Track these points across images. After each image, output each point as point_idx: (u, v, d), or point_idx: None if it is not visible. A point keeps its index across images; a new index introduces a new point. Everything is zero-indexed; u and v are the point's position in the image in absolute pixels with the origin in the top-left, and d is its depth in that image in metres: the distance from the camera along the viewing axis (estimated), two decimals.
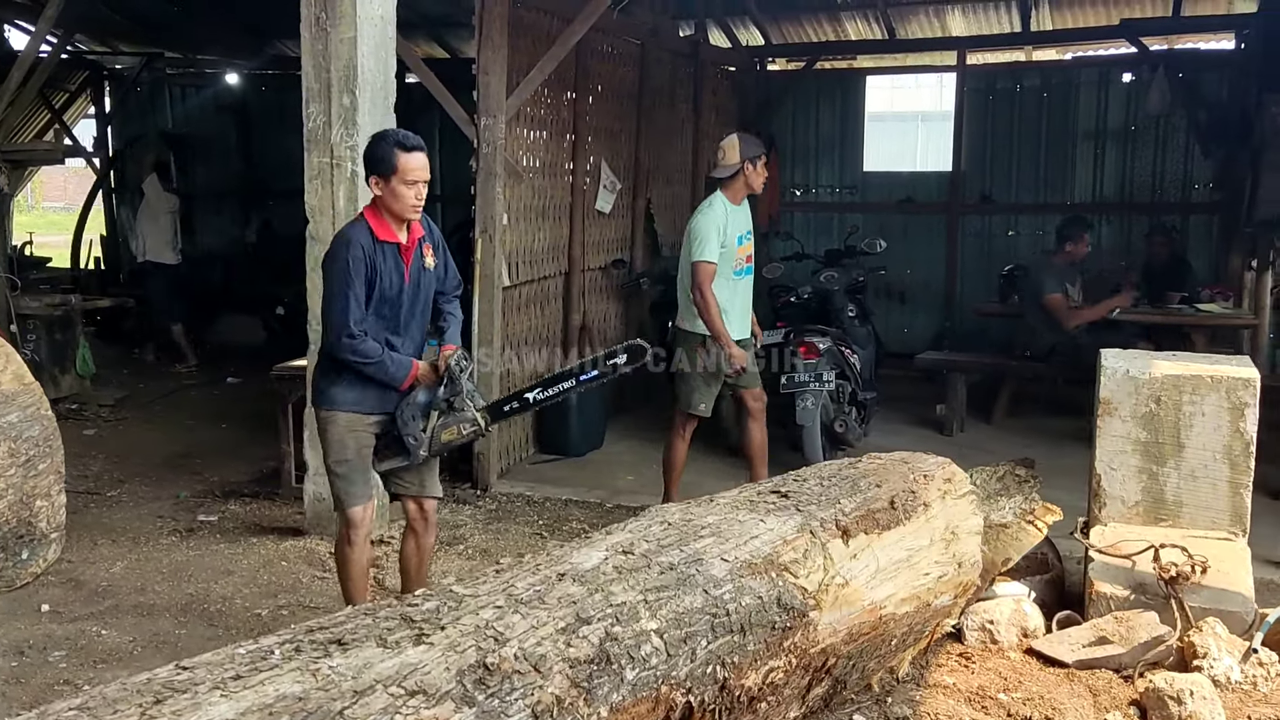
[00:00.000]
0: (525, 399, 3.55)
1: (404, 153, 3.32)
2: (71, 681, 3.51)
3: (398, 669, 1.86)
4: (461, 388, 3.40)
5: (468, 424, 3.42)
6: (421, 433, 3.41)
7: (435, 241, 3.60)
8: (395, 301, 3.46)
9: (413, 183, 3.35)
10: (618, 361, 3.39)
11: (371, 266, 3.37)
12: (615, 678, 2.12)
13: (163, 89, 11.43)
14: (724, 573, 2.51)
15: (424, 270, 3.52)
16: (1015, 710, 3.17)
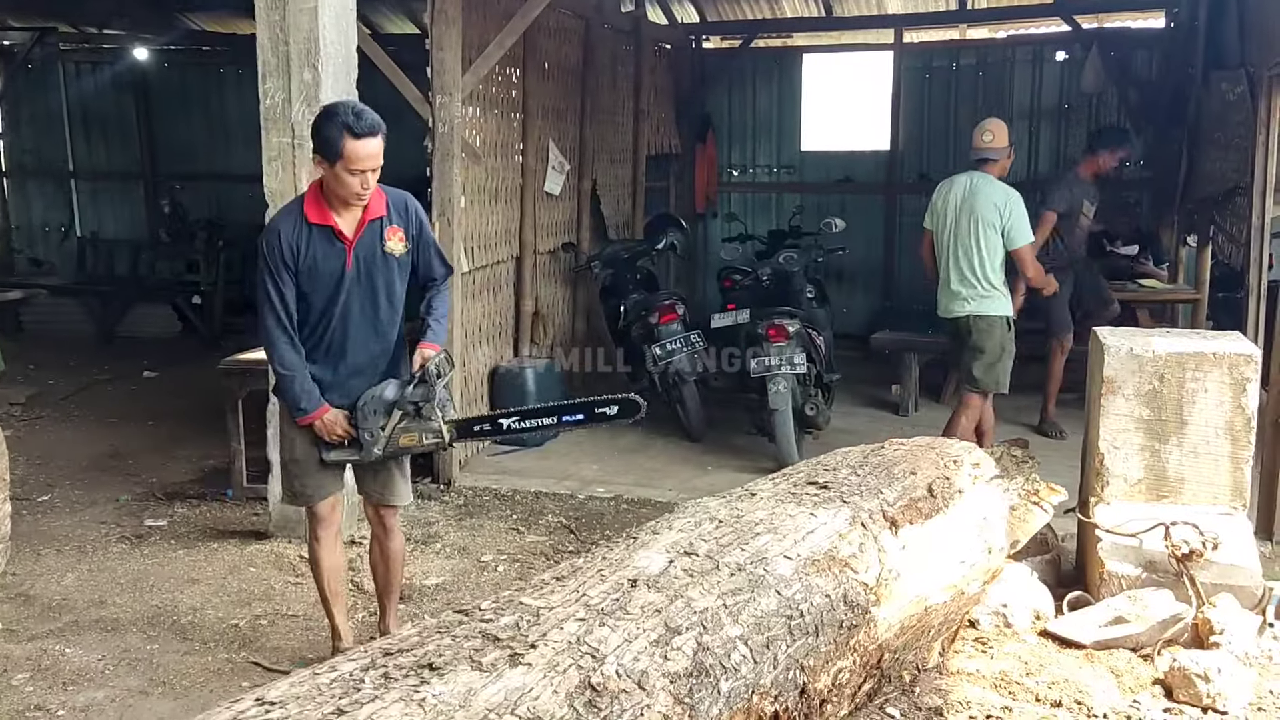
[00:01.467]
0: (499, 424, 3.31)
1: (352, 139, 3.01)
2: (43, 706, 3.23)
3: (505, 695, 1.71)
4: (434, 395, 3.16)
5: (430, 434, 3.19)
6: (380, 430, 3.18)
7: (409, 224, 3.27)
8: (333, 290, 3.17)
9: (358, 171, 3.06)
10: (607, 412, 3.13)
11: (295, 253, 3.11)
12: (713, 690, 2.00)
13: (56, 66, 10.68)
14: (791, 571, 2.40)
15: (382, 256, 3.21)
16: (1042, 695, 3.16)
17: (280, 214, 3.25)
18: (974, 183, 5.07)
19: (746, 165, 9.64)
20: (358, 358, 3.25)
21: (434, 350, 3.24)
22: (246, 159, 10.20)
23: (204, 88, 10.38)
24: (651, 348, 6.24)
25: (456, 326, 5.51)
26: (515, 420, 3.25)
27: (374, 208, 3.19)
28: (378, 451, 3.19)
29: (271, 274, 3.12)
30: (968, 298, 5.06)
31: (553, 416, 3.17)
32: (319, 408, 3.20)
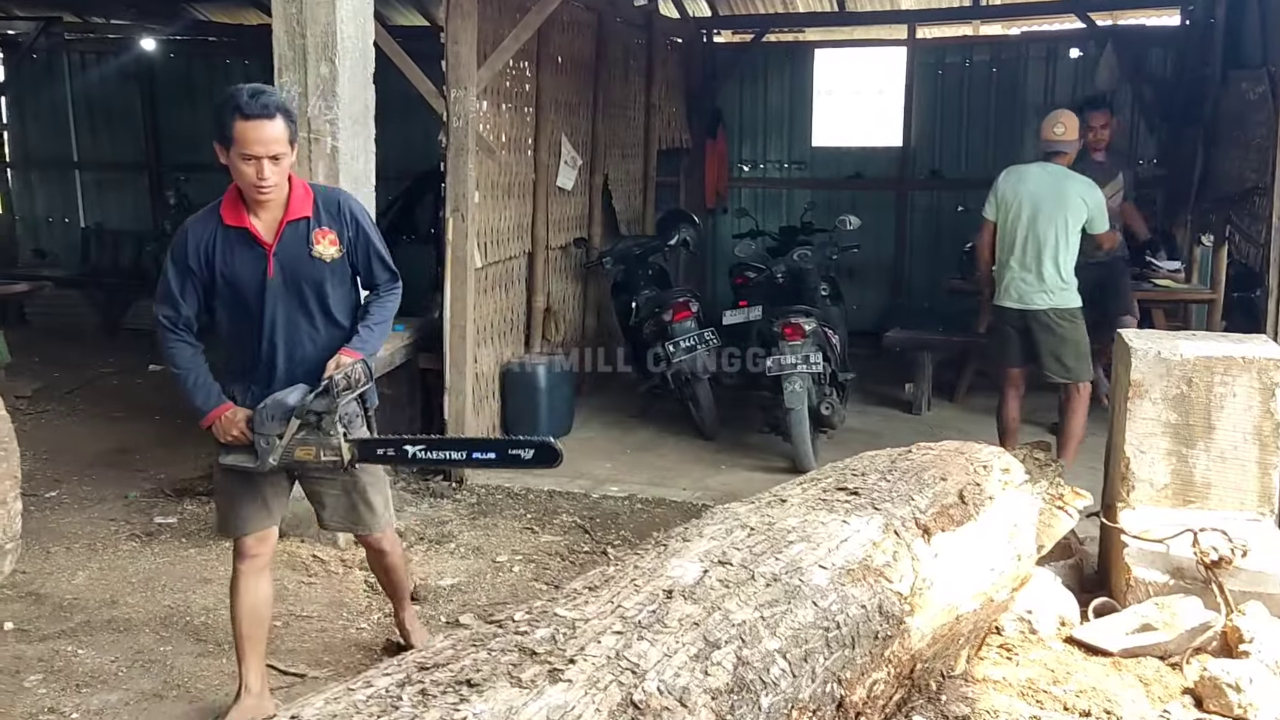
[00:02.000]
0: (404, 450, 2.92)
1: (241, 120, 2.73)
2: (57, 709, 3.19)
3: (548, 714, 1.66)
4: (336, 408, 2.83)
5: (329, 450, 2.86)
6: (276, 438, 2.85)
7: (343, 225, 2.99)
8: (257, 300, 2.92)
9: (250, 158, 2.76)
10: (521, 455, 2.76)
11: (202, 257, 2.88)
12: (753, 706, 1.95)
13: (61, 56, 10.62)
14: (826, 581, 2.36)
15: (309, 260, 2.93)
16: (1071, 703, 3.11)
17: (197, 213, 3.01)
18: (1053, 174, 5.03)
19: (757, 160, 9.58)
20: (294, 371, 2.97)
21: (352, 358, 2.94)
22: None
23: (209, 79, 10.30)
24: (665, 345, 6.20)
25: (468, 322, 5.47)
26: (422, 449, 2.88)
27: (297, 207, 2.92)
28: (272, 461, 2.88)
29: (171, 272, 2.92)
30: (1049, 290, 4.99)
31: (463, 451, 2.87)
32: (219, 406, 2.94)
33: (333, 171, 4.18)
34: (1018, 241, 5.05)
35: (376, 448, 2.95)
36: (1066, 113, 5.24)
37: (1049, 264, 4.99)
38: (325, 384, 2.83)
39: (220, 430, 2.94)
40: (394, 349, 5.47)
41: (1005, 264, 5.11)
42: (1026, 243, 5.02)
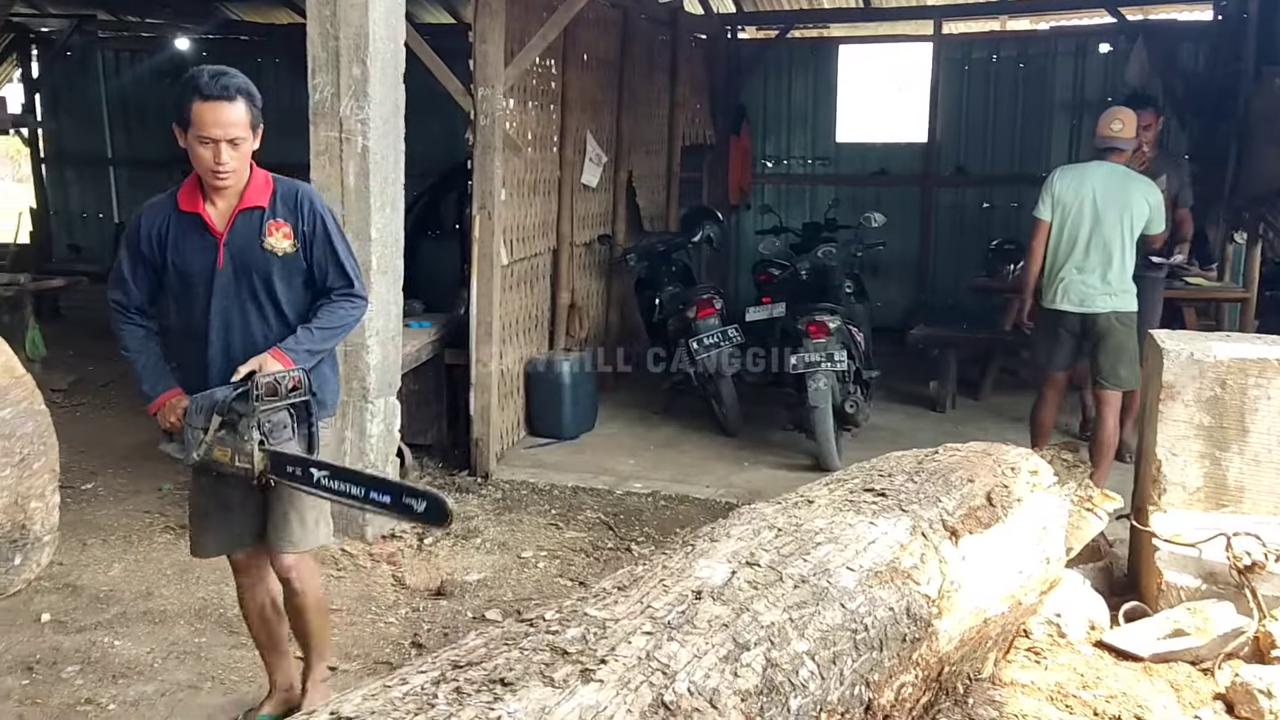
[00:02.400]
0: (310, 474, 2.67)
1: (199, 101, 2.61)
2: (94, 700, 3.25)
3: (580, 714, 1.68)
4: (252, 411, 2.64)
5: (242, 456, 2.68)
6: (200, 432, 2.72)
7: (300, 219, 2.83)
8: (204, 290, 2.79)
9: (208, 140, 2.63)
10: (413, 506, 2.54)
11: (155, 241, 2.79)
12: (783, 708, 1.96)
13: (95, 53, 10.77)
14: (854, 583, 2.36)
15: (261, 252, 2.78)
16: (1101, 709, 3.10)
17: (155, 197, 2.90)
18: (1115, 174, 4.88)
19: (781, 156, 9.58)
20: (233, 366, 2.79)
21: (281, 364, 2.74)
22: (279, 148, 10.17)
23: None
24: (688, 342, 6.21)
25: (495, 319, 5.50)
26: (326, 475, 2.65)
27: (252, 196, 2.79)
28: (196, 456, 2.75)
29: (124, 255, 2.86)
30: (1112, 292, 4.85)
31: (362, 488, 2.60)
32: (165, 392, 2.83)
33: (363, 170, 4.23)
34: (1079, 243, 4.86)
35: (286, 463, 2.70)
36: (1124, 109, 5.07)
37: (1114, 266, 4.84)
38: (245, 385, 2.67)
39: (161, 417, 2.85)
40: (420, 345, 5.51)
41: (1062, 266, 4.92)
42: (1090, 245, 4.84)
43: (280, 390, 2.69)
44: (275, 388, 2.68)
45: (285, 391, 2.70)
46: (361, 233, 4.27)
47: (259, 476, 2.69)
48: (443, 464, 5.71)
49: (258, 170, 2.83)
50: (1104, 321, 4.88)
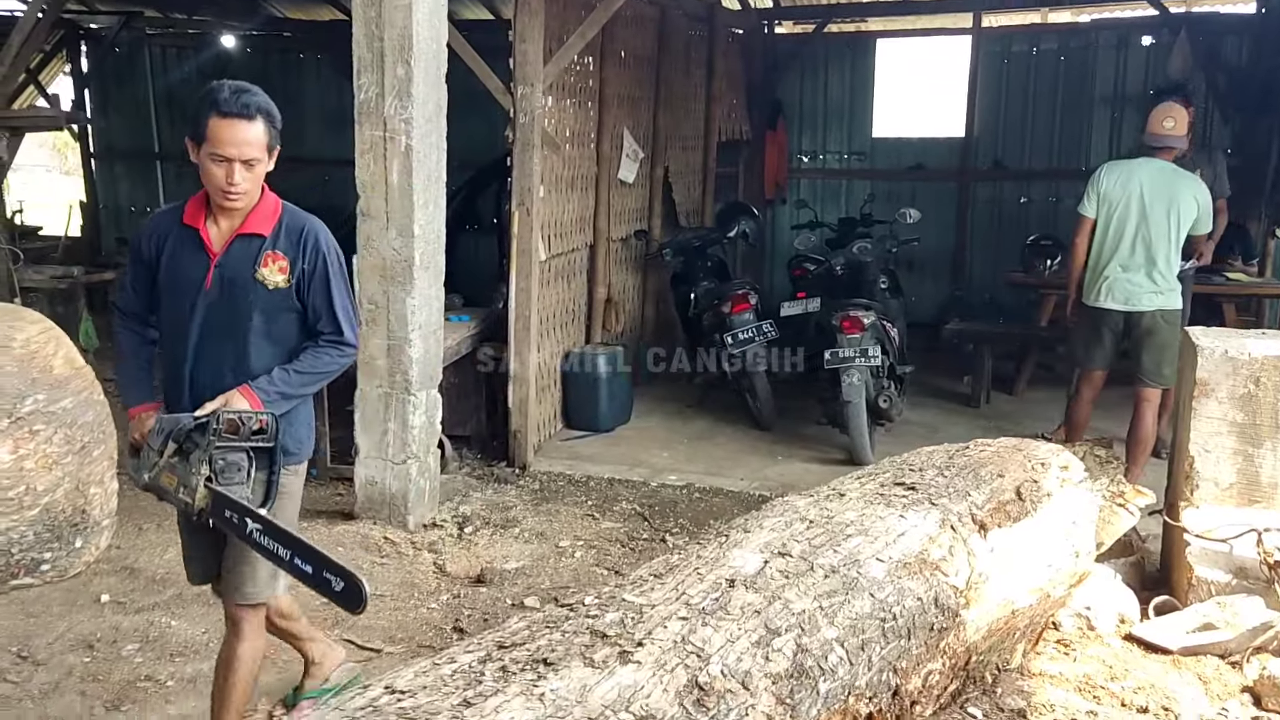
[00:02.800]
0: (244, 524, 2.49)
1: (216, 117, 2.49)
2: (153, 677, 3.39)
3: (619, 693, 1.77)
4: (205, 446, 2.51)
5: (186, 490, 2.55)
6: (155, 455, 2.60)
7: (301, 256, 2.67)
8: (189, 306, 2.66)
9: (222, 159, 2.52)
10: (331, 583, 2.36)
11: (153, 249, 2.70)
12: (812, 691, 2.05)
13: (142, 49, 10.99)
14: (883, 574, 2.44)
15: (250, 282, 2.64)
16: (1129, 700, 3.16)
17: (168, 207, 2.83)
18: (1164, 172, 4.83)
19: (817, 151, 9.60)
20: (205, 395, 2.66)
21: (246, 402, 2.60)
22: (322, 143, 10.50)
23: (284, 73, 10.59)
24: (723, 336, 6.27)
25: (533, 313, 5.60)
26: (259, 530, 2.48)
27: (255, 222, 2.65)
28: (146, 477, 2.65)
29: (130, 260, 2.81)
30: (1158, 290, 4.83)
31: (289, 551, 2.44)
32: (139, 406, 2.77)
33: (407, 168, 4.34)
34: (1125, 241, 4.83)
35: (225, 508, 2.53)
36: (1177, 105, 4.92)
37: (1160, 264, 4.80)
38: (206, 418, 2.54)
39: (131, 429, 2.78)
40: (460, 339, 5.62)
41: (1107, 264, 4.89)
42: (1136, 242, 4.81)
43: (242, 430, 2.53)
44: (237, 427, 2.52)
45: (248, 433, 2.53)
46: (405, 229, 4.39)
47: (197, 514, 2.54)
48: (481, 455, 5.82)
49: (268, 195, 2.69)
50: (1149, 320, 4.85)
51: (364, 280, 4.51)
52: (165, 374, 2.81)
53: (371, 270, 4.48)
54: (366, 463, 4.66)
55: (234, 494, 2.53)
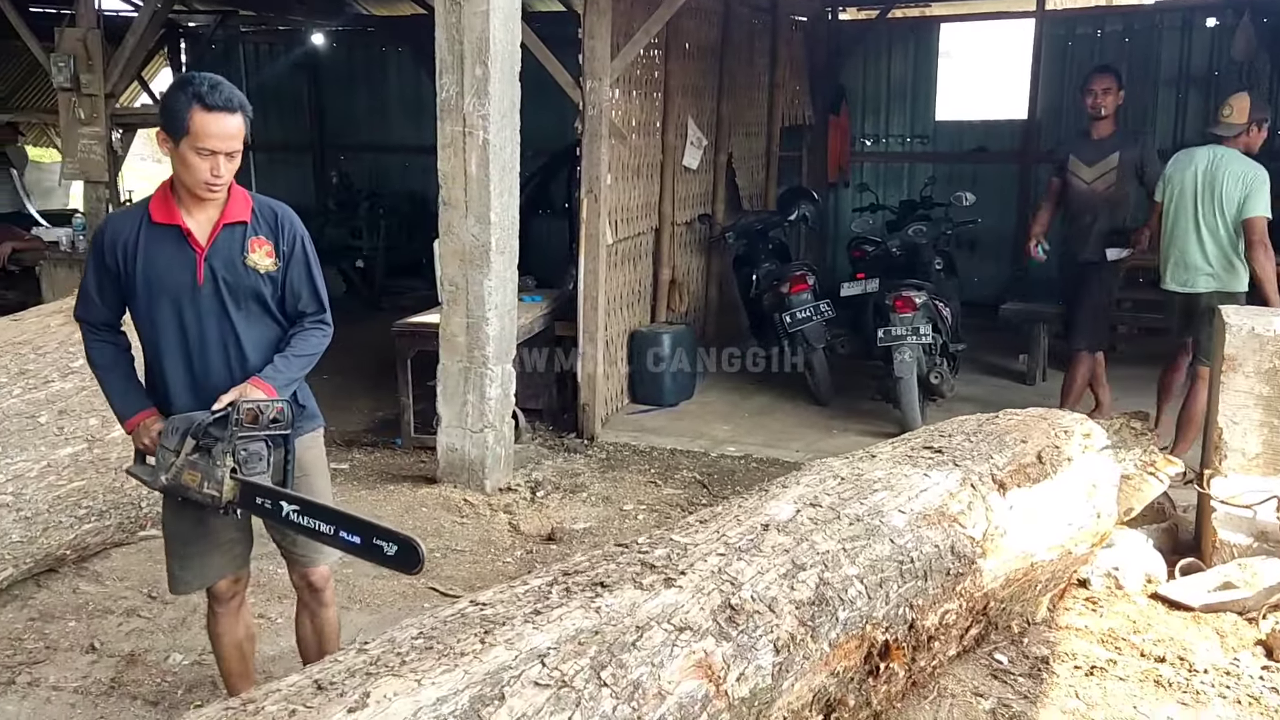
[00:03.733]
0: (280, 508, 2.57)
1: (202, 111, 2.49)
2: (265, 615, 3.85)
3: (663, 609, 2.11)
4: (230, 438, 2.54)
5: (212, 483, 2.58)
6: (172, 455, 2.62)
7: (281, 238, 2.71)
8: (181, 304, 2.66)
9: (207, 152, 2.51)
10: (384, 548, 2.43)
11: (122, 254, 2.63)
12: (832, 618, 2.37)
13: (237, 46, 11.63)
14: (904, 523, 2.74)
15: (242, 269, 2.67)
16: (1147, 650, 3.40)
17: (123, 209, 2.82)
18: (1218, 156, 5.00)
19: (879, 135, 9.77)
20: (204, 387, 2.69)
21: (261, 391, 2.62)
22: (404, 132, 11.00)
23: (367, 66, 11.12)
24: (782, 315, 6.56)
25: (600, 294, 5.95)
26: (295, 511, 2.55)
27: (234, 210, 2.66)
28: (164, 479, 2.65)
29: (90, 269, 2.72)
30: (1214, 273, 4.99)
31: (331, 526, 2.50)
32: (139, 413, 2.72)
33: (484, 160, 4.72)
34: (1179, 225, 5.05)
35: (256, 495, 2.59)
36: (1238, 95, 5.13)
37: (1210, 247, 4.96)
38: (225, 411, 2.57)
39: (135, 437, 2.75)
40: (533, 317, 6.01)
41: (1169, 246, 5.11)
42: (1190, 226, 5.01)
43: (261, 420, 2.57)
44: (257, 416, 2.57)
45: (266, 421, 2.58)
46: (482, 216, 4.78)
47: (225, 506, 2.58)
48: (552, 427, 6.22)
49: (235, 185, 2.69)
50: (1205, 301, 5.00)
51: (445, 264, 4.91)
52: (158, 375, 2.75)
53: (451, 254, 4.87)
54: (448, 431, 5.07)
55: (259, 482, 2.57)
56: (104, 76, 7.02)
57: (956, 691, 3.11)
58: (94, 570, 4.30)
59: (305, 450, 2.81)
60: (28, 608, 3.99)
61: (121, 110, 7.36)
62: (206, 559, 2.84)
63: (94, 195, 7.35)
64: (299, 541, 2.85)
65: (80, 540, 4.19)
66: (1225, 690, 3.16)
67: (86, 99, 7.13)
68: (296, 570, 2.96)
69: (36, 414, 4.09)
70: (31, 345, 4.33)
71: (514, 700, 1.71)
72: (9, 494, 3.87)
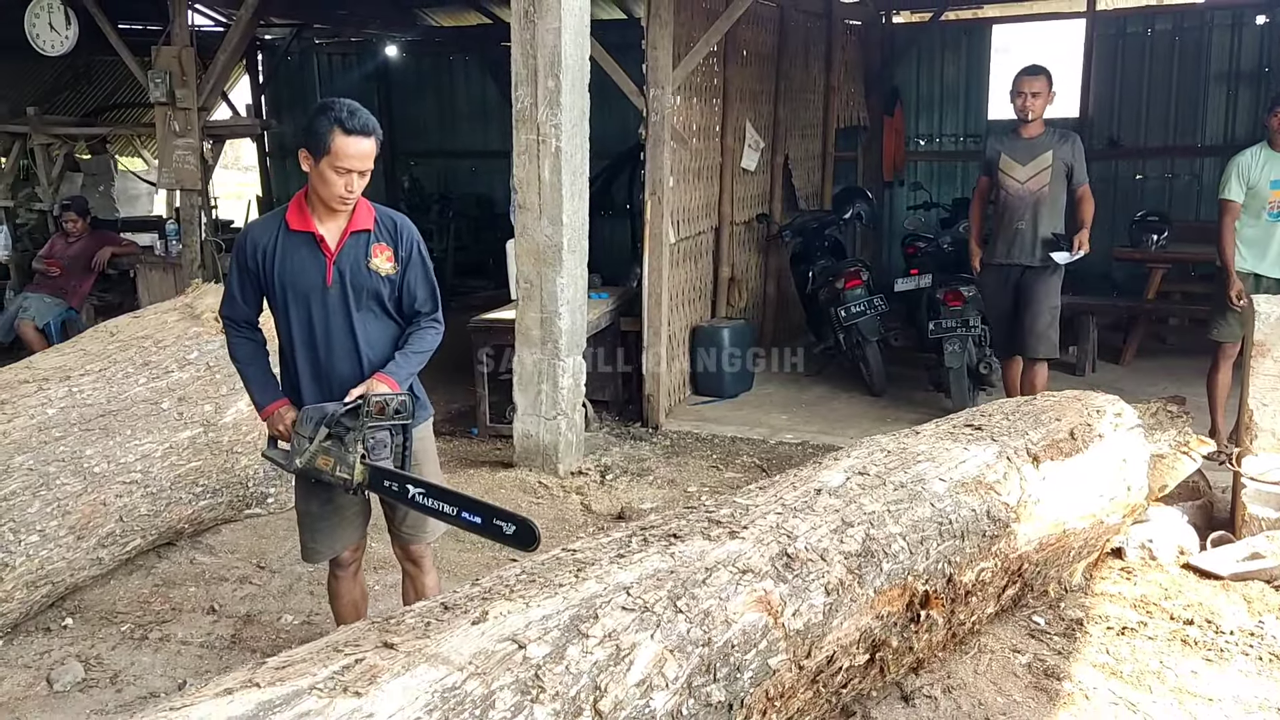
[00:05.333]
0: (406, 490, 2.85)
1: (342, 134, 2.80)
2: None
3: (728, 554, 2.46)
4: (360, 427, 2.84)
5: (344, 467, 2.87)
6: (307, 441, 2.91)
7: (399, 244, 3.01)
8: (312, 303, 2.96)
9: (345, 171, 2.83)
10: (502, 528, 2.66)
11: (261, 258, 2.95)
12: (876, 568, 2.69)
13: (311, 58, 12.21)
14: (944, 490, 3.05)
15: (366, 273, 2.97)
16: (1176, 614, 3.66)
17: (260, 218, 3.14)
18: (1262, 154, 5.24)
19: (933, 135, 9.99)
20: (345, 376, 2.99)
21: (386, 385, 2.93)
22: (471, 137, 11.48)
23: (435, 74, 11.61)
24: (837, 310, 6.85)
25: (663, 291, 6.30)
26: (421, 493, 2.82)
27: (360, 220, 2.98)
28: (299, 463, 2.93)
29: (233, 273, 3.03)
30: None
31: (454, 508, 2.76)
32: (274, 402, 3.05)
33: (556, 167, 5.09)
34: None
35: (384, 478, 2.89)
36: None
37: None
38: (357, 403, 2.86)
39: (270, 424, 3.07)
40: (600, 313, 6.37)
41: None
42: None
43: (388, 411, 2.86)
44: (384, 407, 2.85)
45: (391, 412, 2.86)
46: (555, 219, 5.15)
47: (355, 488, 2.88)
48: (619, 417, 6.59)
49: (361, 198, 2.99)
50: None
51: (520, 263, 5.30)
52: (290, 366, 3.07)
53: (527, 254, 5.26)
54: (523, 418, 5.46)
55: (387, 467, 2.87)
56: (196, 91, 7.55)
57: (995, 648, 3.41)
58: (207, 544, 4.75)
59: (419, 439, 3.09)
60: (151, 575, 4.45)
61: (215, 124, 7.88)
62: (334, 532, 3.17)
63: (189, 203, 7.88)
64: (409, 521, 3.17)
65: (197, 515, 4.64)
66: (1249, 649, 3.41)
67: (181, 112, 7.64)
68: (400, 545, 3.29)
69: (159, 400, 4.55)
70: (153, 339, 4.79)
71: (606, 619, 2.07)
72: (138, 472, 4.33)
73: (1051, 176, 5.55)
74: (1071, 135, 5.69)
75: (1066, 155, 5.57)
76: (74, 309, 7.99)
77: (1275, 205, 5.23)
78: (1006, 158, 5.66)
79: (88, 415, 4.24)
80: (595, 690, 1.90)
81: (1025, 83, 5.56)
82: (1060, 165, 5.56)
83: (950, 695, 3.15)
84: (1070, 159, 5.58)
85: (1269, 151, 5.24)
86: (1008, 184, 5.65)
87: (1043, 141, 5.60)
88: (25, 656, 3.77)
